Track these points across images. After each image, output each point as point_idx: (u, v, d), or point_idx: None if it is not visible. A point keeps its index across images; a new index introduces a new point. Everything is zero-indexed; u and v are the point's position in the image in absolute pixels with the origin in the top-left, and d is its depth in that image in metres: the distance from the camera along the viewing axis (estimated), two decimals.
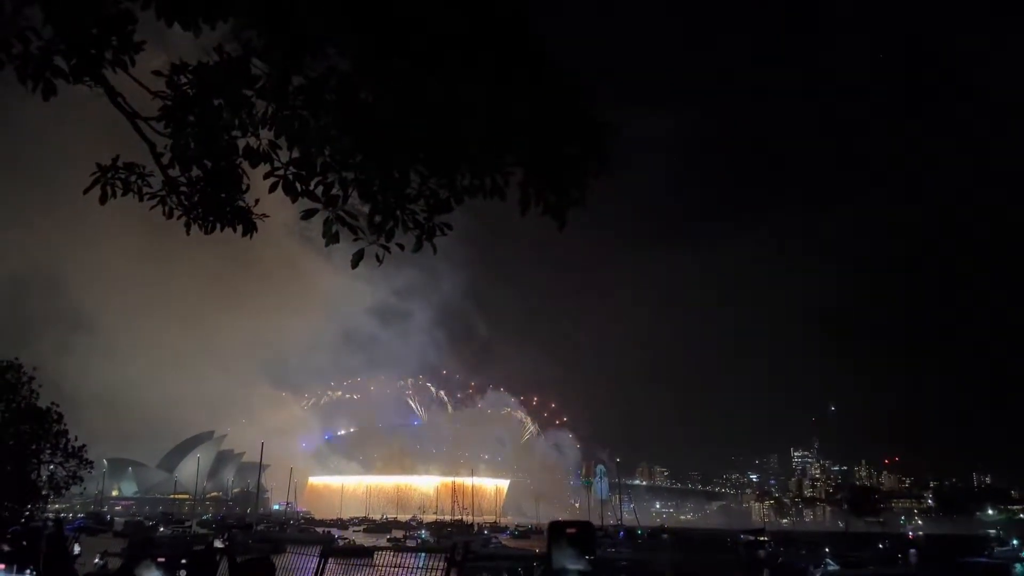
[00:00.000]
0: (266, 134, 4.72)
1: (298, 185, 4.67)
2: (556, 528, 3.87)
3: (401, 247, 4.76)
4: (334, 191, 4.64)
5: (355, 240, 4.70)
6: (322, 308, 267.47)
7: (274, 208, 5.52)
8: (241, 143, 4.87)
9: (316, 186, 4.66)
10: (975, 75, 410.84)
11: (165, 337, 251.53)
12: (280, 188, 4.95)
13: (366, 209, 4.71)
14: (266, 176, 4.73)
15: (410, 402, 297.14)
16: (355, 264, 4.74)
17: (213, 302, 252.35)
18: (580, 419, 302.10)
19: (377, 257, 4.72)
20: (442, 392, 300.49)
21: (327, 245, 4.70)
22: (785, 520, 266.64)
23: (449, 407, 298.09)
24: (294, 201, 4.71)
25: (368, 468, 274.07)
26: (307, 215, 4.70)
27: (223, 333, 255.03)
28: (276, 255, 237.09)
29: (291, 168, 4.69)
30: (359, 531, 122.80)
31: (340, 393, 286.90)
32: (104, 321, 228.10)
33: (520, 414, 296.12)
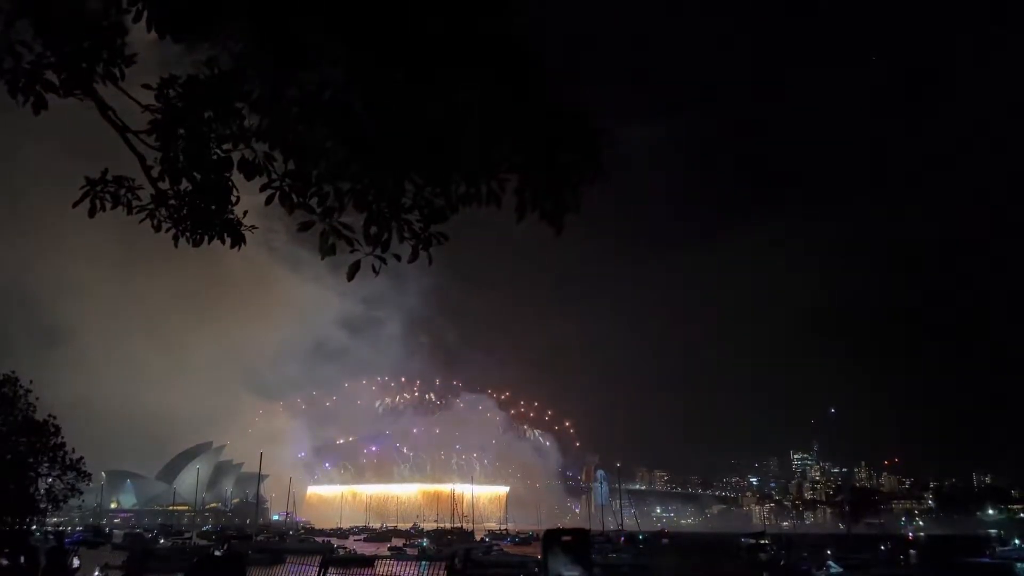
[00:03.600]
0: (261, 146, 4.69)
1: (294, 197, 4.65)
2: (551, 536, 3.83)
3: (397, 257, 4.73)
4: (330, 202, 4.61)
5: (351, 251, 4.67)
6: (296, 318, 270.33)
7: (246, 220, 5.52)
8: (236, 156, 4.84)
9: (311, 197, 4.64)
10: (973, 75, 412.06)
11: (143, 350, 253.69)
12: (261, 201, 4.94)
13: (361, 220, 4.68)
14: (262, 188, 4.71)
15: (392, 408, 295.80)
16: (351, 276, 4.71)
17: (186, 315, 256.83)
18: (575, 423, 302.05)
19: (373, 268, 4.70)
20: (427, 396, 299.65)
21: (323, 257, 4.67)
22: (786, 523, 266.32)
23: (434, 409, 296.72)
24: (290, 213, 4.69)
25: (358, 477, 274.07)
26: (303, 227, 4.68)
27: (200, 345, 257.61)
28: (245, 267, 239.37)
29: (287, 180, 4.66)
30: (359, 540, 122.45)
31: (322, 401, 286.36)
32: (79, 335, 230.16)
33: (500, 417, 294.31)
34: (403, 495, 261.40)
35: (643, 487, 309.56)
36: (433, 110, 4.37)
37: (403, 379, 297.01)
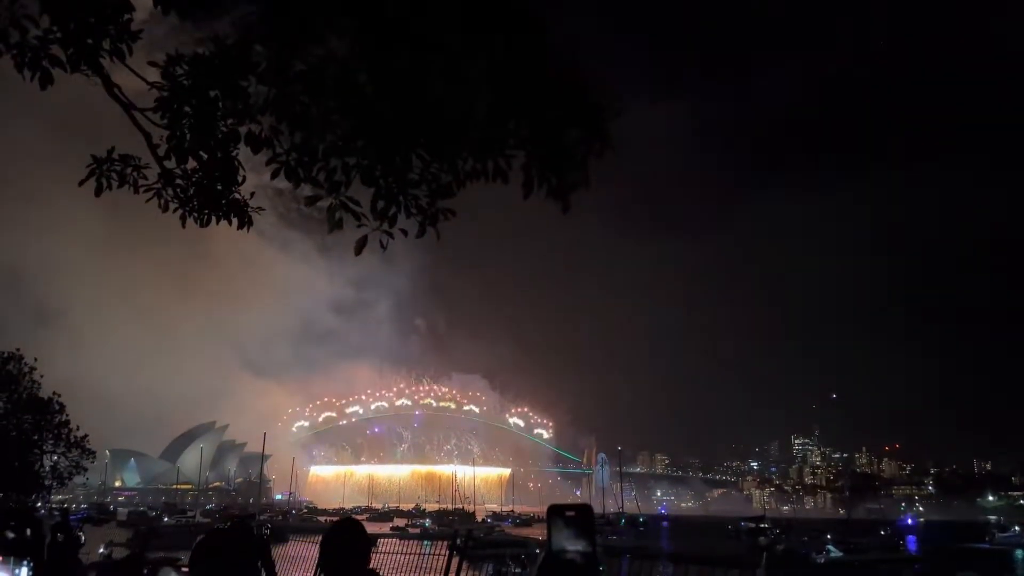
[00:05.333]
0: (267, 120, 4.69)
1: (300, 171, 4.65)
2: (555, 511, 3.85)
3: (404, 233, 4.74)
4: (336, 177, 4.62)
5: (358, 226, 4.68)
6: (288, 300, 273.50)
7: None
8: (243, 130, 4.84)
9: (318, 172, 4.64)
10: (977, 52, 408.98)
11: (137, 332, 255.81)
12: (255, 184, 4.95)
13: (367, 194, 4.69)
14: (268, 162, 4.71)
15: (386, 390, 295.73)
16: (358, 250, 4.72)
17: (177, 297, 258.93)
18: (572, 407, 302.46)
19: (381, 243, 4.70)
20: (423, 378, 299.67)
21: (330, 231, 4.68)
22: (786, 507, 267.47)
23: (430, 392, 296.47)
24: (296, 187, 4.70)
25: (355, 458, 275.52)
26: (310, 201, 4.69)
27: (193, 327, 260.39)
28: (234, 249, 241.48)
29: (293, 154, 4.66)
30: (362, 520, 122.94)
31: (316, 383, 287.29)
32: (69, 315, 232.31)
33: (492, 399, 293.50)
34: (400, 476, 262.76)
35: (643, 470, 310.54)
36: (439, 84, 4.36)
37: (395, 360, 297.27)
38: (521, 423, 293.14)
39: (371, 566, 4.37)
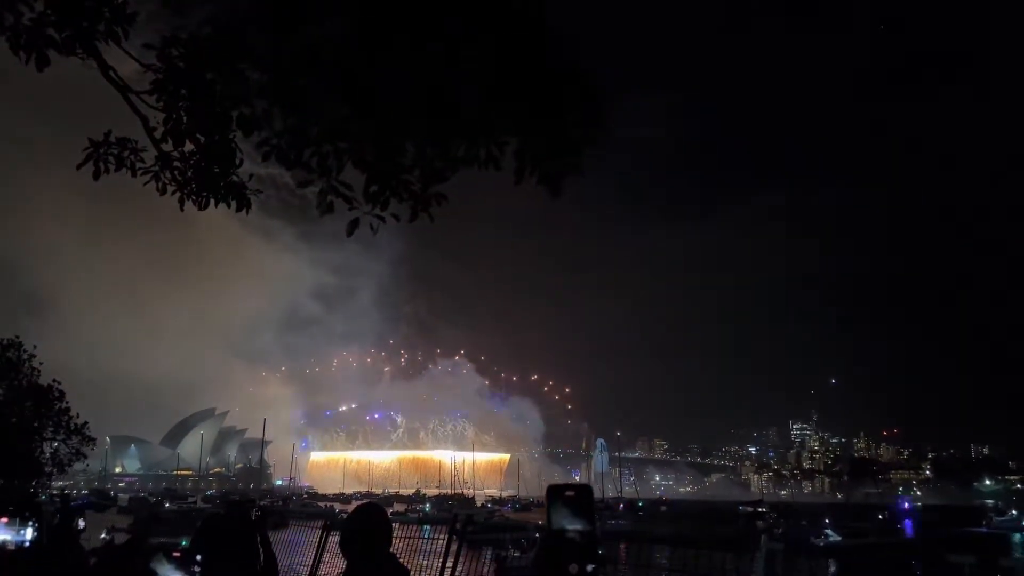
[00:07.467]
0: (260, 103, 4.67)
1: (291, 155, 4.63)
2: (554, 491, 3.88)
3: (396, 218, 4.73)
4: (329, 161, 4.60)
5: (350, 210, 4.68)
6: (274, 288, 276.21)
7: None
8: (234, 113, 4.82)
9: (310, 156, 4.63)
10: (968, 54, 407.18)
11: (128, 319, 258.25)
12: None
13: (358, 177, 4.68)
14: (259, 145, 4.69)
15: (376, 376, 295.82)
16: (350, 233, 4.71)
17: (165, 286, 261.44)
18: (569, 392, 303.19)
19: (371, 227, 4.70)
20: (416, 358, 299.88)
21: (321, 215, 4.67)
22: (784, 492, 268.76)
23: (415, 375, 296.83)
24: (288, 170, 4.69)
25: (349, 444, 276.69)
26: (302, 185, 4.68)
27: (185, 316, 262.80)
28: (220, 237, 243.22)
29: (285, 137, 4.65)
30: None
31: (306, 370, 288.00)
32: (57, 304, 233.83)
33: (479, 383, 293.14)
34: (395, 462, 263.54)
35: (642, 455, 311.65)
36: (436, 69, 4.34)
37: (386, 346, 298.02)
38: (516, 408, 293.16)
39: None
